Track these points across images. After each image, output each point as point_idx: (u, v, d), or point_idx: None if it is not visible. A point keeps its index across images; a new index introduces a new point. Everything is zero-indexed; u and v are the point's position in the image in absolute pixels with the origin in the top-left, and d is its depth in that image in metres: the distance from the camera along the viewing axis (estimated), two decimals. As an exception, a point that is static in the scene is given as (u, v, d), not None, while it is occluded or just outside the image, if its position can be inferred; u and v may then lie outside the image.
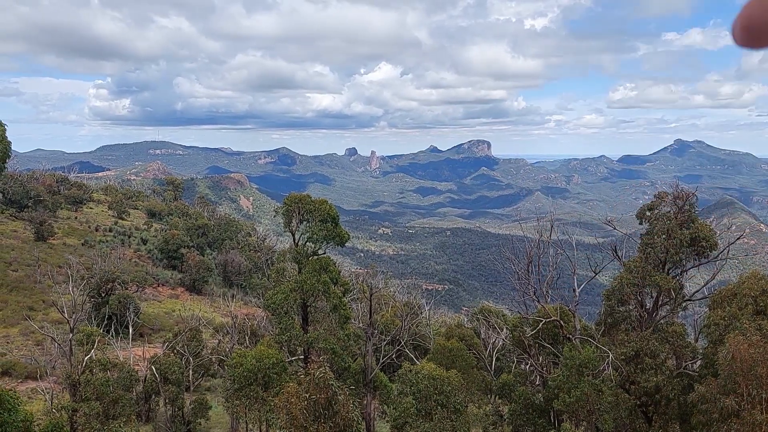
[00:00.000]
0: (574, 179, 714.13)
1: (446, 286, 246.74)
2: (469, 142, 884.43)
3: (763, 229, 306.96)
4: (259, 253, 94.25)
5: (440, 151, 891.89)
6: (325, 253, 33.45)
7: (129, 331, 43.26)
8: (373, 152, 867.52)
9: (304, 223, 32.94)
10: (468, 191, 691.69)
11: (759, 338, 20.76)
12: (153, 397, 38.07)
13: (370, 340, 35.30)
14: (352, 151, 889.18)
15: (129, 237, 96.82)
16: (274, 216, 35.08)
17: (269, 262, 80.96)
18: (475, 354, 42.15)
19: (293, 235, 32.85)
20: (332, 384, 18.32)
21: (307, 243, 32.70)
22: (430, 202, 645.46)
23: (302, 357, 32.97)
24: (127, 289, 59.04)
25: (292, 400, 18.25)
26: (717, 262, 30.75)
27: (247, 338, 43.35)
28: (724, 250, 31.00)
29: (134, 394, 35.15)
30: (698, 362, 28.87)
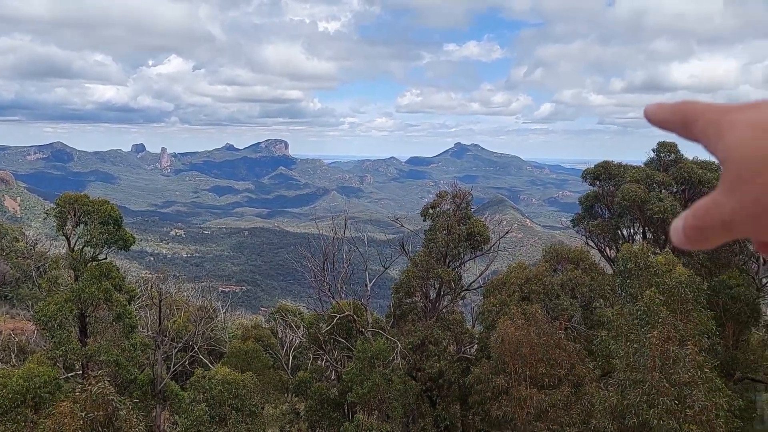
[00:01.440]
0: (367, 179, 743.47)
1: (244, 287, 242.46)
2: (266, 141, 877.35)
3: (528, 224, 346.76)
4: (28, 260, 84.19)
5: (237, 150, 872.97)
6: (106, 258, 30.96)
7: None
8: (163, 149, 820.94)
9: (82, 225, 30.19)
10: (266, 190, 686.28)
11: (523, 322, 23.30)
12: None
13: (159, 348, 33.38)
14: (140, 148, 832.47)
15: None
16: (46, 218, 31.69)
17: (41, 269, 72.71)
18: (271, 354, 41.94)
19: (68, 239, 29.89)
20: (113, 399, 16.96)
21: (85, 248, 29.96)
22: (226, 202, 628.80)
23: (80, 372, 30.13)
24: None
25: (66, 420, 16.57)
26: (490, 254, 34.07)
27: (13, 356, 38.47)
28: (495, 243, 34.38)
29: None
30: (475, 346, 31.71)
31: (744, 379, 29.85)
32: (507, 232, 54.97)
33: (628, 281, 24.57)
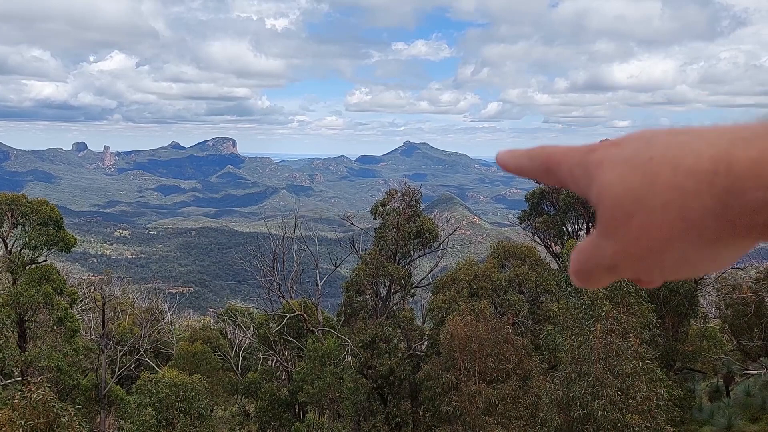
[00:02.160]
0: (317, 178, 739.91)
1: (191, 288, 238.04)
2: (213, 139, 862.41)
3: (477, 221, 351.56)
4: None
5: (183, 148, 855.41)
6: (46, 261, 29.98)
7: None
8: (106, 147, 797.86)
9: (20, 227, 29.16)
10: (214, 189, 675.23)
11: (472, 318, 23.60)
12: None
13: (103, 352, 32.49)
14: (82, 146, 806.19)
15: None
16: (-20, 220, 30.40)
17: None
18: (221, 355, 41.34)
19: (4, 241, 28.78)
20: (54, 405, 16.39)
21: (24, 250, 28.92)
22: (173, 201, 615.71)
23: (19, 379, 29.05)
24: None
25: (4, 429, 15.93)
26: (439, 252, 34.41)
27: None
28: (444, 240, 34.78)
29: None
30: (425, 343, 31.98)
31: (683, 369, 31.04)
32: (456, 230, 55.61)
33: (573, 276, 25.11)
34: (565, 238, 36.09)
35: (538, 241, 37.87)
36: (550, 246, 38.07)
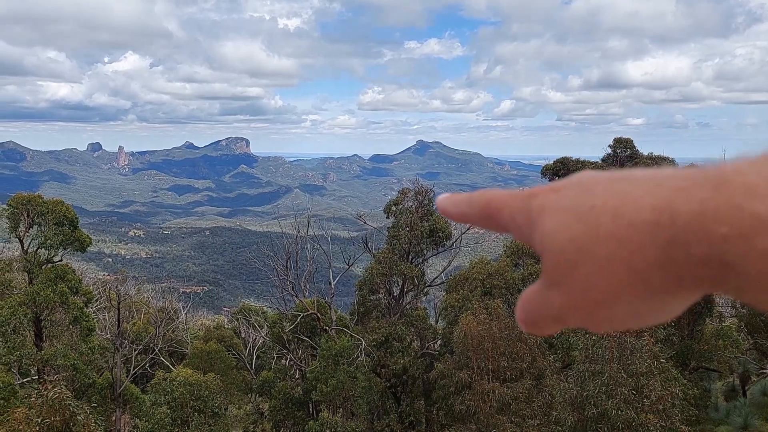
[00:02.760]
0: (330, 177, 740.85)
1: (205, 288, 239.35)
2: (227, 139, 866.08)
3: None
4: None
5: (197, 148, 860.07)
6: (62, 260, 30.29)
7: None
8: (121, 147, 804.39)
9: (36, 227, 29.52)
10: (227, 189, 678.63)
11: (485, 317, 23.53)
12: None
13: (119, 351, 32.74)
14: (96, 147, 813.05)
15: None
16: (-4, 220, 30.80)
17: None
18: (235, 354, 41.57)
19: (21, 241, 29.13)
20: (70, 404, 16.58)
21: (40, 250, 29.26)
22: (187, 201, 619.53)
23: (36, 378, 29.40)
24: None
25: (21, 426, 16.14)
26: (452, 250, 34.34)
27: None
28: (457, 239, 34.68)
29: None
30: (438, 342, 31.93)
31: (699, 368, 30.77)
32: (468, 228, 55.30)
33: (586, 275, 24.93)
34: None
35: (552, 239, 37.67)
36: (564, 244, 37.87)
